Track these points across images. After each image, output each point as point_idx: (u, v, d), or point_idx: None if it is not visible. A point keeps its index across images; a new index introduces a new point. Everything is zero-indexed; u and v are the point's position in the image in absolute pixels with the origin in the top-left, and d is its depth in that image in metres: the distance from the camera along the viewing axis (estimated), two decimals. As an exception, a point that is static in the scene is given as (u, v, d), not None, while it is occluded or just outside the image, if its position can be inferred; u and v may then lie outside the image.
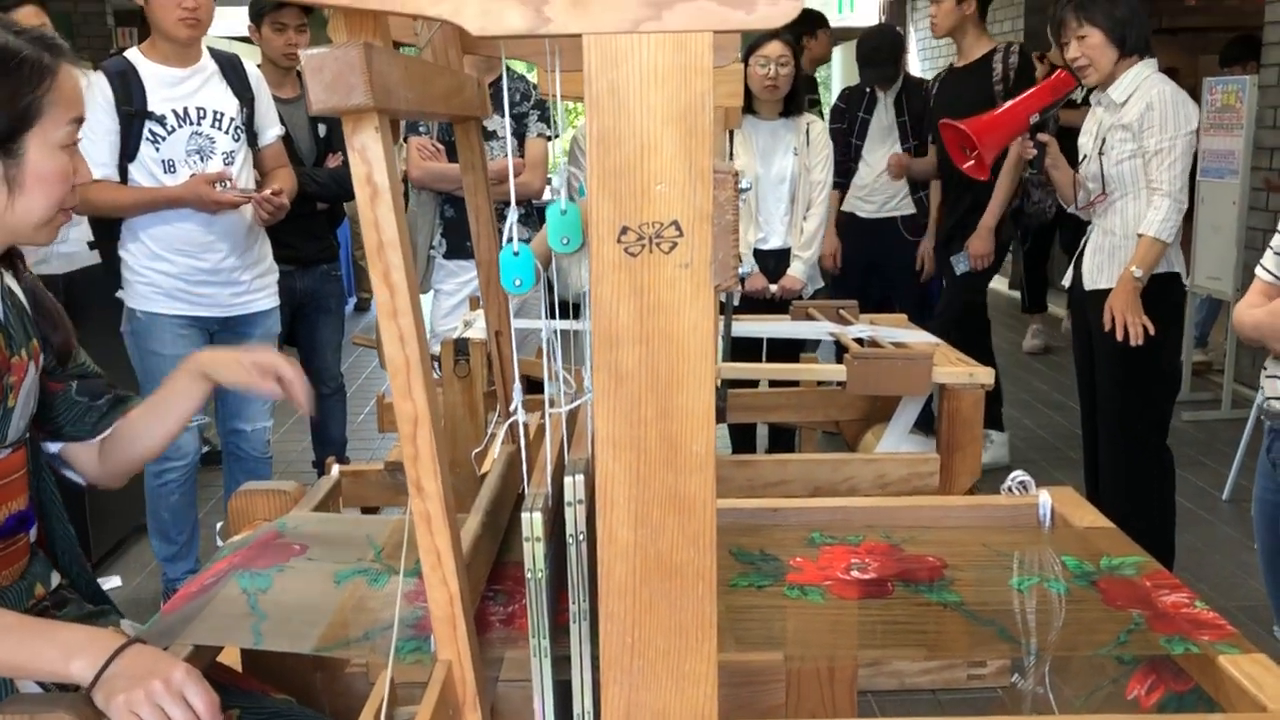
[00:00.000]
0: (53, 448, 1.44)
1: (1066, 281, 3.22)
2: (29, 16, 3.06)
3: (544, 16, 0.80)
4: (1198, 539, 3.69)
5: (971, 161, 3.33)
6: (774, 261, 3.69)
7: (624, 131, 0.82)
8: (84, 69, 1.30)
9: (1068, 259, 3.32)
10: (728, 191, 0.86)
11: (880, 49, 4.36)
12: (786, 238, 3.71)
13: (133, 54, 2.83)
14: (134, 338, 2.90)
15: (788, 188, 3.66)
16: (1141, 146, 2.90)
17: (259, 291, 3.01)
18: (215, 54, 2.92)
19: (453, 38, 1.33)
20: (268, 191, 2.91)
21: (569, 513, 0.94)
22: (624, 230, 0.83)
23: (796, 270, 3.67)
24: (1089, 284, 3.06)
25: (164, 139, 2.79)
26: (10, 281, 1.33)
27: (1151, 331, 2.87)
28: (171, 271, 2.84)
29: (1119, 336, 2.89)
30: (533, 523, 0.95)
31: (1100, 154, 3.00)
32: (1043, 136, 3.10)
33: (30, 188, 1.23)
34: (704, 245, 0.84)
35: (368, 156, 0.84)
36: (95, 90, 2.68)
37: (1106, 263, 3.02)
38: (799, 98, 3.68)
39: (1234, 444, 4.18)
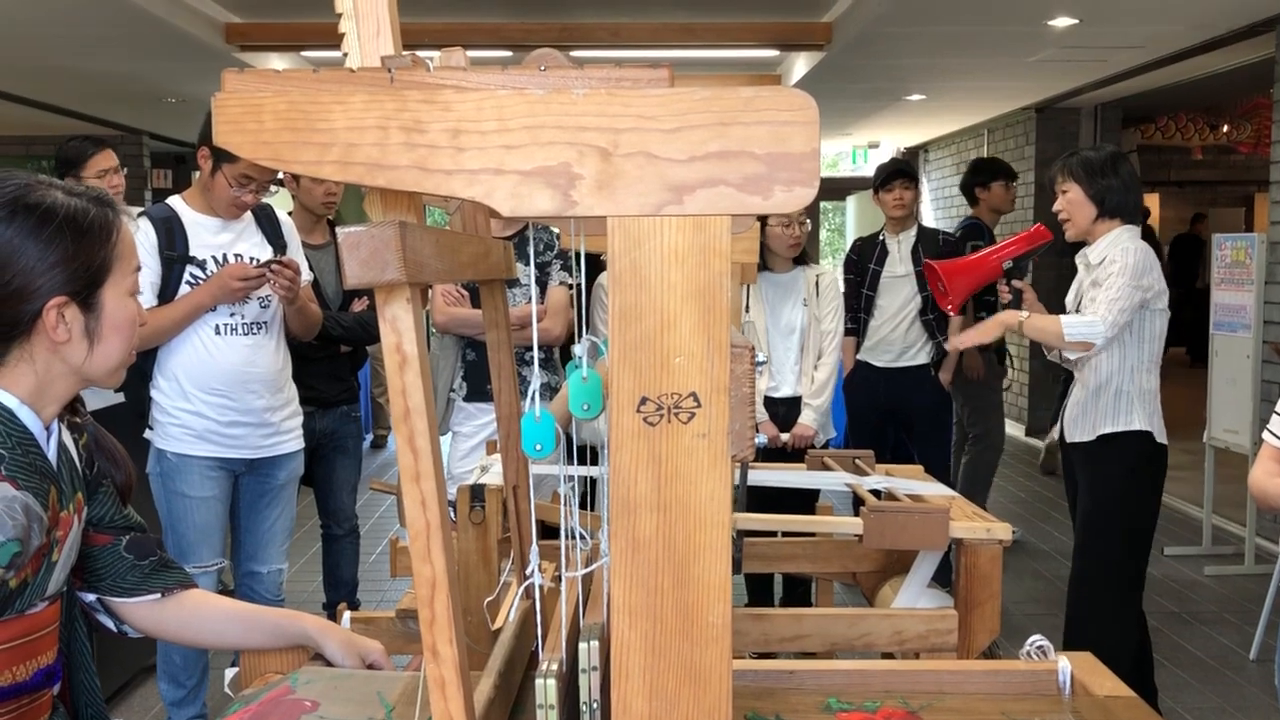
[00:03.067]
0: (88, 596, 1.45)
1: (1056, 433, 3.24)
2: (104, 160, 3.70)
3: (571, 200, 0.84)
4: (1224, 700, 3.59)
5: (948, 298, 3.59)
6: (785, 409, 3.73)
7: (645, 307, 0.85)
8: (131, 218, 1.38)
9: None
10: (744, 365, 0.89)
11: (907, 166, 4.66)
12: (797, 386, 3.75)
13: (175, 202, 2.93)
14: (162, 479, 2.90)
15: (798, 338, 3.74)
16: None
17: (287, 434, 3.03)
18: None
19: (482, 205, 1.38)
20: (279, 263, 2.87)
21: (583, 680, 0.94)
22: (643, 400, 0.86)
23: (807, 418, 3.71)
24: (1068, 437, 3.09)
25: (202, 283, 2.87)
26: (65, 435, 1.37)
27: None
28: (204, 412, 2.86)
29: (949, 346, 3.05)
30: (546, 689, 0.94)
31: (1078, 310, 3.05)
32: (1016, 283, 3.17)
33: (107, 336, 1.30)
34: (721, 416, 0.86)
35: (398, 327, 0.87)
36: (141, 234, 2.77)
37: (1081, 416, 3.04)
38: (806, 250, 3.81)
39: (1259, 600, 4.10)
